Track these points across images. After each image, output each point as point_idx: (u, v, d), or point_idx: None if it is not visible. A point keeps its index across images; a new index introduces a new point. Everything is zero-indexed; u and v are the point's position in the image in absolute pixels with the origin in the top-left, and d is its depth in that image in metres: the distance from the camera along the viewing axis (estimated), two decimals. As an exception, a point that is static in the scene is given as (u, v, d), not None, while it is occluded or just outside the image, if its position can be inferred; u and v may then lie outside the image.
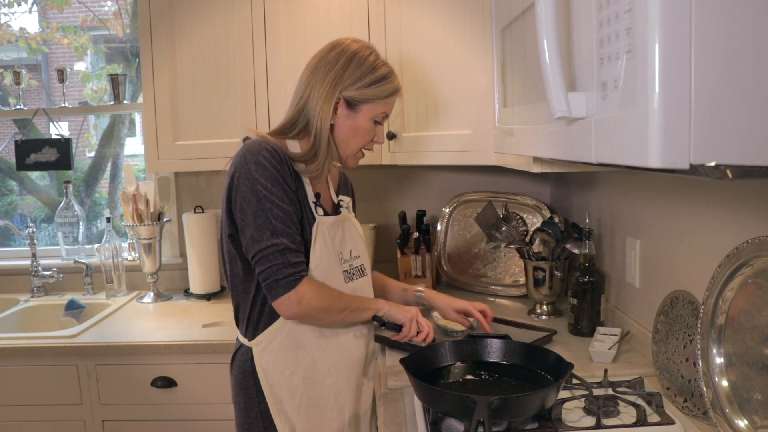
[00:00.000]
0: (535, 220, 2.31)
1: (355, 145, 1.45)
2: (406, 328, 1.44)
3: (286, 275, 1.30)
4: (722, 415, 1.09)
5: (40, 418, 2.01)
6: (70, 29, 2.86)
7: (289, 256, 1.31)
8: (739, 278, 1.07)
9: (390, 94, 1.42)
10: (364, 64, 1.39)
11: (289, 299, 1.31)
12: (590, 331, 1.74)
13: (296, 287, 1.30)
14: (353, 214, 1.57)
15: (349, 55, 1.39)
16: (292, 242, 1.32)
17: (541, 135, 0.96)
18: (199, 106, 2.19)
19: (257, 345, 1.40)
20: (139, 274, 2.58)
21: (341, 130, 1.42)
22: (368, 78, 1.39)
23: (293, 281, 1.30)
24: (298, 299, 1.31)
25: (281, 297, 1.31)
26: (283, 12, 2.13)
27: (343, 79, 1.38)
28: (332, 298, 1.37)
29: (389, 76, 1.42)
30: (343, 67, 1.39)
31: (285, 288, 1.30)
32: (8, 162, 2.91)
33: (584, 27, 0.74)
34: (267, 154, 1.32)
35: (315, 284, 1.34)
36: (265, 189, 1.30)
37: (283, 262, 1.30)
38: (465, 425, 1.15)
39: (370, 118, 1.42)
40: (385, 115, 1.45)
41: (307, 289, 1.32)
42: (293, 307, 1.31)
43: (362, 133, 1.43)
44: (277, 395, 1.39)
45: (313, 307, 1.33)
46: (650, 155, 0.57)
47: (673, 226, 1.45)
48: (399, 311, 1.45)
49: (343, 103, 1.40)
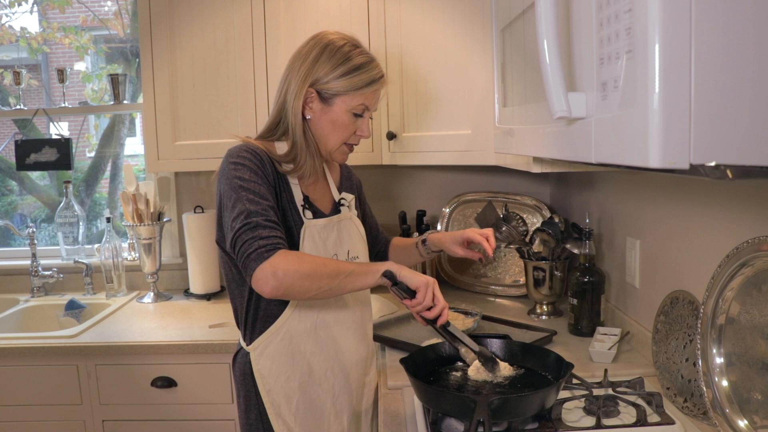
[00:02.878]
0: (535, 220, 2.31)
1: (335, 140, 1.38)
2: (421, 294, 1.25)
3: (257, 248, 1.19)
4: (722, 415, 1.09)
5: (40, 418, 2.01)
6: (71, 29, 2.86)
7: (261, 231, 1.21)
8: (739, 278, 1.07)
9: (365, 84, 1.34)
10: (336, 55, 1.33)
11: (263, 272, 1.18)
12: (590, 331, 1.74)
13: (269, 258, 1.19)
14: (356, 213, 1.53)
15: (321, 47, 1.34)
16: (266, 219, 1.23)
17: (541, 135, 0.96)
18: (199, 106, 2.19)
19: (254, 350, 1.39)
20: (139, 274, 2.58)
21: (318, 124, 1.36)
22: (340, 69, 1.32)
23: (264, 252, 1.19)
24: (272, 270, 1.18)
25: (255, 272, 1.19)
26: (283, 12, 2.13)
27: (314, 72, 1.33)
28: (315, 264, 1.22)
29: (364, 66, 1.34)
30: (315, 59, 1.33)
31: (256, 261, 1.19)
32: (8, 162, 2.91)
33: (584, 27, 0.74)
34: (246, 153, 1.31)
35: (292, 253, 1.22)
36: (242, 180, 1.27)
37: (254, 237, 1.20)
38: (465, 425, 1.15)
39: (346, 110, 1.35)
40: (364, 107, 1.37)
41: (282, 258, 1.19)
42: (269, 280, 1.18)
43: (341, 126, 1.36)
44: (275, 400, 1.39)
45: (291, 275, 1.19)
46: (650, 155, 0.57)
47: (673, 226, 1.45)
48: (413, 275, 1.26)
49: (316, 96, 1.34)
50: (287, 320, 1.37)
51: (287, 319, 1.37)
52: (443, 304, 1.27)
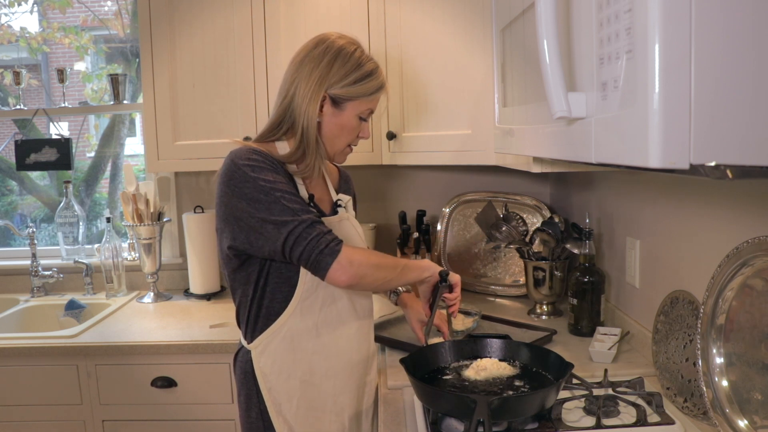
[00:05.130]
0: (535, 220, 2.31)
1: (341, 143, 1.43)
2: (458, 289, 1.49)
3: (327, 243, 1.27)
4: (722, 415, 1.09)
5: (40, 418, 2.01)
6: (71, 29, 2.86)
7: (320, 227, 1.28)
8: (739, 278, 1.07)
9: (375, 90, 1.40)
10: (350, 61, 1.36)
11: (340, 264, 1.27)
12: (590, 331, 1.74)
13: (342, 250, 1.28)
14: (353, 213, 1.55)
15: (334, 52, 1.36)
16: (317, 216, 1.31)
17: (541, 135, 0.96)
18: (199, 106, 2.19)
19: (255, 348, 1.39)
20: (139, 274, 2.58)
21: (327, 128, 1.39)
22: (354, 75, 1.36)
23: (335, 246, 1.28)
24: (348, 261, 1.28)
25: (332, 265, 1.27)
26: (283, 12, 2.13)
27: (329, 77, 1.35)
28: (379, 256, 1.38)
29: (374, 73, 1.39)
30: (329, 64, 1.35)
31: (331, 255, 1.27)
32: (8, 162, 2.91)
33: (584, 27, 0.74)
34: (256, 155, 1.31)
35: (354, 247, 1.33)
36: (267, 182, 1.28)
37: (318, 234, 1.27)
38: (465, 425, 1.15)
39: (355, 115, 1.39)
40: (370, 111, 1.43)
41: (352, 250, 1.30)
42: (347, 269, 1.28)
43: (348, 130, 1.41)
44: (276, 398, 1.39)
45: (366, 265, 1.31)
46: (650, 155, 0.57)
47: (673, 226, 1.45)
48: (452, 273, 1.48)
49: (328, 100, 1.37)
50: (289, 319, 1.37)
51: (289, 317, 1.37)
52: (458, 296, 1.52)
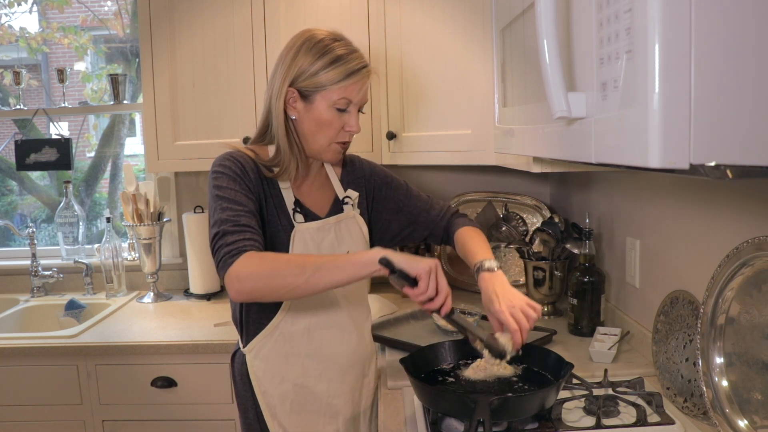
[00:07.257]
0: (535, 220, 2.31)
1: (323, 139, 1.32)
2: (423, 282, 1.14)
3: (223, 255, 1.18)
4: (722, 415, 1.09)
5: (40, 418, 2.01)
6: (70, 29, 2.86)
7: (227, 238, 1.19)
8: (739, 278, 1.07)
9: (344, 77, 1.26)
10: (313, 49, 1.27)
11: (229, 278, 1.17)
12: (590, 331, 1.74)
13: (232, 264, 1.16)
14: (358, 211, 1.46)
15: (300, 44, 1.29)
16: (234, 225, 1.20)
17: (541, 135, 0.95)
18: (199, 106, 2.19)
19: (249, 352, 1.39)
20: (139, 274, 2.58)
21: (304, 124, 1.31)
22: (318, 63, 1.26)
23: (228, 258, 1.17)
24: (236, 276, 1.15)
25: (224, 279, 1.18)
26: (283, 12, 2.13)
27: (291, 70, 1.28)
28: (277, 263, 1.17)
29: (342, 58, 1.27)
30: (293, 57, 1.28)
31: (223, 269, 1.18)
32: (8, 162, 2.91)
33: (584, 27, 0.74)
34: (226, 161, 1.30)
35: (257, 255, 1.18)
36: (219, 188, 1.26)
37: (221, 245, 1.19)
38: (465, 425, 1.15)
39: (328, 106, 1.28)
40: (347, 101, 1.29)
41: (245, 262, 1.16)
42: (234, 284, 1.16)
43: (326, 124, 1.30)
44: (270, 401, 1.39)
45: (252, 278, 1.15)
46: (650, 155, 0.57)
47: (673, 226, 1.45)
48: (413, 260, 1.15)
49: (297, 95, 1.29)
50: (280, 322, 1.37)
51: (280, 321, 1.37)
52: (446, 291, 1.17)
